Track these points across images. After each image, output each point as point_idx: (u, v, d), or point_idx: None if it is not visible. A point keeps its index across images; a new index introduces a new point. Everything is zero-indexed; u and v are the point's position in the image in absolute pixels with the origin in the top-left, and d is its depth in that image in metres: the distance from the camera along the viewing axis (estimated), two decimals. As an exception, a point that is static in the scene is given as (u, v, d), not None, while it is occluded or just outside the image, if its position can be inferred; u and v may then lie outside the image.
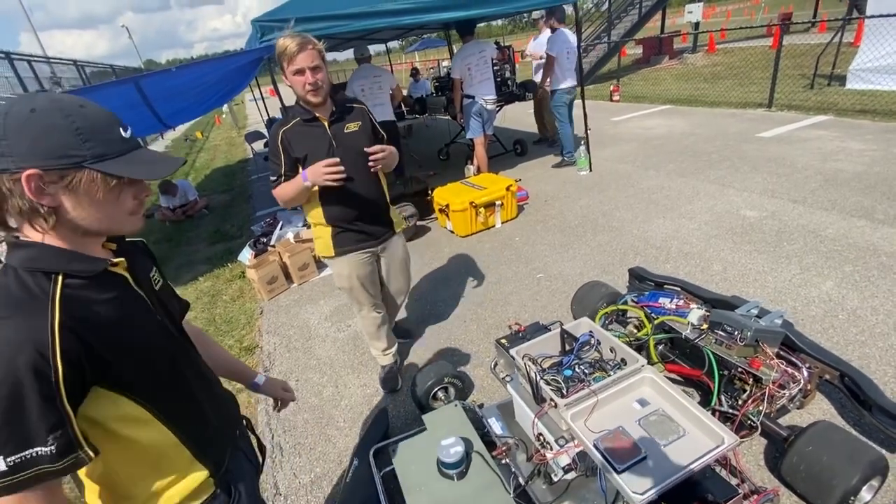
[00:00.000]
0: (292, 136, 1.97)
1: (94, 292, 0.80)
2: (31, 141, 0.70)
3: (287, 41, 1.79)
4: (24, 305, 0.72)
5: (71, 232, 0.79)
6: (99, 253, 0.86)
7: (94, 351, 0.74)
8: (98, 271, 0.81)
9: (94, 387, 0.76)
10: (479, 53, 5.06)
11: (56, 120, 0.72)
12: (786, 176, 4.56)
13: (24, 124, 0.70)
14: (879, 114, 6.01)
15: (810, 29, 13.46)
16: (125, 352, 0.80)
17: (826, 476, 1.49)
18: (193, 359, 1.03)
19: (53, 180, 0.72)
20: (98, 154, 0.75)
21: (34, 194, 0.71)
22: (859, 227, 3.40)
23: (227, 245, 5.37)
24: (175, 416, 0.90)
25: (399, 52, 30.46)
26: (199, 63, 4.20)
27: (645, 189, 4.87)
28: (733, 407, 1.86)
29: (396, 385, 2.61)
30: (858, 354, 2.25)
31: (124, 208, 0.83)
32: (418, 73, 10.71)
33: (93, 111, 0.77)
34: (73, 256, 0.79)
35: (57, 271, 0.76)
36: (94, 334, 0.75)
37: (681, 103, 8.85)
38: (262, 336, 3.41)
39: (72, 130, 0.73)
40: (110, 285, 0.83)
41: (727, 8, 36.62)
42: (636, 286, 2.81)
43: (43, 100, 0.74)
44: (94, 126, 0.75)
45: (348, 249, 2.19)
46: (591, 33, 14.72)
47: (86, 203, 0.77)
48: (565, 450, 1.63)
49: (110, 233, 0.86)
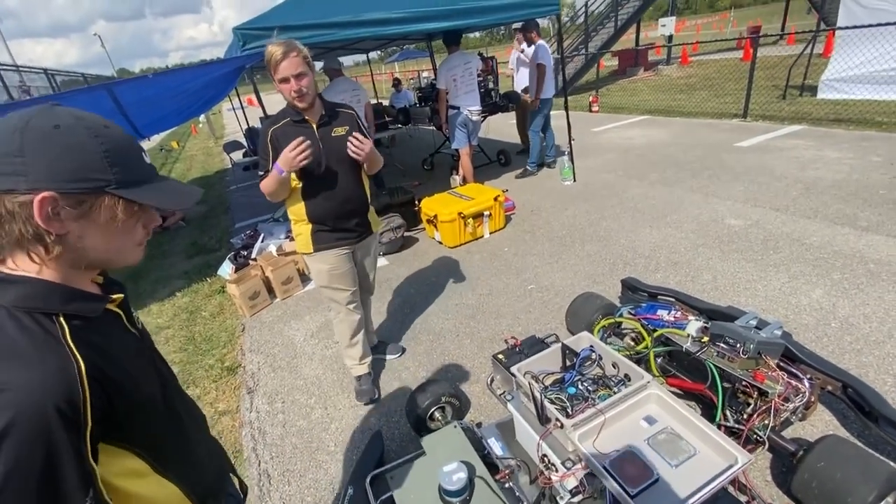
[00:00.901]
0: (281, 134, 2.02)
1: (97, 336, 0.71)
2: (52, 160, 0.63)
3: (273, 49, 1.86)
4: (39, 351, 0.63)
5: (69, 265, 0.71)
6: (91, 288, 0.78)
7: (112, 402, 0.67)
8: (101, 311, 0.74)
9: (100, 442, 0.67)
10: (464, 65, 5.06)
11: (83, 139, 0.65)
12: (766, 185, 4.64)
13: (47, 141, 0.63)
14: (853, 122, 6.21)
15: (779, 41, 13.97)
16: (130, 402, 0.72)
17: (841, 494, 1.45)
18: (184, 399, 0.95)
19: (70, 205, 0.65)
20: (122, 180, 0.69)
21: (44, 220, 0.63)
22: (843, 235, 3.46)
23: (206, 258, 5.18)
24: (176, 467, 0.82)
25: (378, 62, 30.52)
26: (177, 71, 4.06)
27: (630, 198, 4.89)
28: (738, 421, 1.82)
29: (374, 396, 2.58)
30: (855, 363, 2.26)
31: (134, 239, 0.77)
32: (400, 84, 10.69)
33: (118, 133, 0.71)
34: (72, 294, 0.71)
35: (56, 312, 0.67)
36: (111, 384, 0.68)
37: (658, 114, 9.03)
38: (245, 355, 3.26)
39: (99, 152, 0.66)
40: (109, 326, 0.77)
41: (696, 22, 37.92)
42: (629, 297, 2.78)
43: (66, 115, 0.66)
44: (120, 149, 0.70)
45: (327, 246, 2.24)
46: (569, 45, 14.99)
47: (99, 232, 0.70)
48: (572, 472, 1.56)
49: (111, 266, 0.79)
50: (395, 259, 4.33)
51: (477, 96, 5.25)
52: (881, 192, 4.06)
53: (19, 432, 0.56)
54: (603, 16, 14.61)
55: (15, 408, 0.57)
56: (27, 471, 0.57)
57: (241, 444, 2.45)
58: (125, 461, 0.73)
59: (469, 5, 4.25)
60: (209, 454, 0.99)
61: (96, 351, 0.68)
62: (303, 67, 1.90)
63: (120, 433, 0.70)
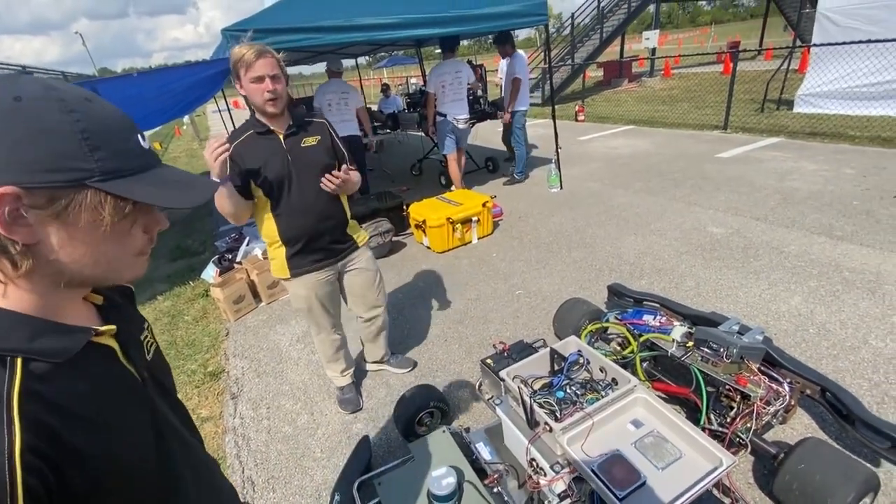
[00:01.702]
0: (244, 149, 1.87)
1: (67, 382, 0.54)
2: (11, 144, 0.48)
3: (244, 49, 1.74)
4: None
5: (46, 284, 0.55)
6: (77, 313, 0.61)
7: (65, 479, 0.50)
8: (76, 350, 0.56)
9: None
10: (454, 73, 5.11)
11: (53, 115, 0.50)
12: (746, 194, 4.76)
13: (5, 119, 0.48)
14: (828, 136, 6.43)
15: (757, 56, 14.40)
16: (97, 472, 0.53)
17: (821, 495, 1.49)
18: (192, 447, 0.77)
19: (37, 204, 0.49)
20: (109, 169, 0.53)
21: (4, 224, 0.48)
22: (820, 244, 3.57)
23: (189, 262, 5.10)
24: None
25: (367, 68, 30.56)
26: (163, 70, 4.01)
27: (615, 206, 4.97)
28: (722, 425, 1.85)
29: (358, 406, 2.52)
30: (832, 368, 2.32)
31: (132, 247, 0.60)
32: (389, 89, 10.69)
33: (103, 108, 0.55)
34: (40, 327, 0.54)
35: (14, 353, 0.51)
36: (67, 455, 0.50)
37: (642, 124, 9.21)
38: (229, 360, 3.20)
39: (75, 133, 0.50)
40: (90, 366, 0.58)
41: (679, 36, 38.89)
42: (616, 303, 2.82)
43: (33, 85, 0.50)
44: (105, 129, 0.54)
45: (305, 270, 2.09)
46: (556, 56, 15.23)
47: (81, 239, 0.54)
48: (560, 476, 1.57)
49: (104, 283, 0.62)
50: (382, 264, 4.30)
51: (465, 105, 5.30)
52: (854, 203, 4.20)
53: None
54: (589, 28, 14.90)
55: None
56: None
57: (224, 450, 2.40)
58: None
59: (459, 13, 4.29)
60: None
61: (55, 408, 0.51)
62: (278, 69, 1.79)
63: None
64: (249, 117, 1.95)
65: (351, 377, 2.57)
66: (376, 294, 2.39)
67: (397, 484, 1.73)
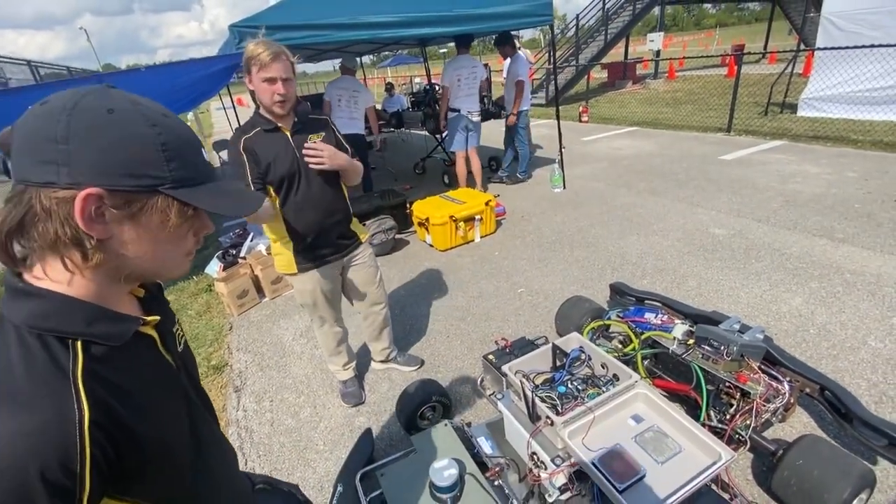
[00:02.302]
0: (255, 145, 1.90)
1: (120, 366, 0.60)
2: (101, 150, 0.53)
3: (260, 47, 1.75)
4: (38, 391, 0.51)
5: (110, 276, 0.61)
6: (125, 305, 0.67)
7: (122, 454, 0.55)
8: (129, 336, 0.62)
9: (105, 497, 0.56)
10: (471, 68, 5.13)
11: (140, 128, 0.56)
12: (749, 196, 4.78)
13: (97, 127, 0.53)
14: (831, 139, 6.44)
15: (761, 60, 14.40)
16: (145, 452, 0.59)
17: (818, 491, 1.50)
18: (217, 434, 0.84)
19: (117, 204, 0.55)
20: (179, 178, 0.59)
21: (85, 221, 0.53)
22: (821, 246, 3.58)
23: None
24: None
25: (371, 67, 30.60)
26: (169, 65, 4.04)
27: (618, 206, 4.99)
28: (721, 422, 1.87)
29: (360, 399, 2.55)
30: (832, 368, 2.34)
31: (185, 248, 0.67)
32: (393, 88, 10.74)
33: (177, 123, 0.62)
34: (98, 313, 0.59)
35: (75, 336, 0.56)
36: (124, 432, 0.56)
37: (646, 125, 9.22)
38: (232, 354, 3.23)
39: (157, 144, 0.57)
40: (137, 352, 0.64)
41: (683, 39, 38.86)
42: (618, 301, 2.83)
43: (122, 99, 0.57)
44: (180, 143, 0.60)
45: (312, 265, 2.13)
46: (560, 57, 15.24)
47: (147, 238, 0.60)
48: (561, 469, 1.59)
49: (156, 278, 0.69)
50: (385, 261, 4.34)
51: (477, 100, 5.34)
52: (856, 206, 4.21)
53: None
54: (593, 29, 14.91)
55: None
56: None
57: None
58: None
59: (464, 12, 4.31)
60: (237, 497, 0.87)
61: (113, 390, 0.57)
62: (290, 73, 1.82)
63: (131, 487, 0.58)
64: (254, 113, 1.97)
65: (353, 371, 2.60)
66: (377, 290, 2.43)
67: (399, 475, 1.75)
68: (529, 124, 6.11)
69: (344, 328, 2.48)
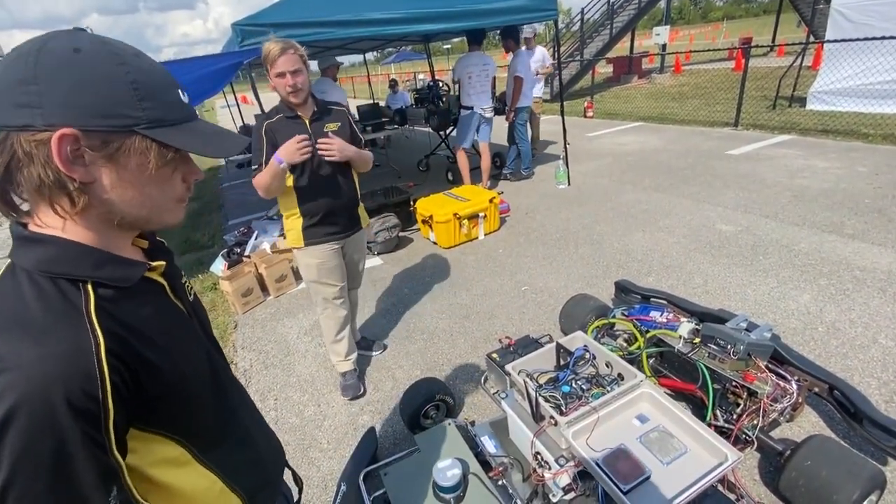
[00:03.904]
0: (276, 129, 2.09)
1: (130, 306, 0.62)
2: (70, 90, 0.53)
3: (271, 45, 1.93)
4: (55, 323, 0.54)
5: (101, 221, 0.61)
6: (130, 253, 0.68)
7: (140, 383, 0.59)
8: (136, 279, 0.64)
9: (131, 429, 0.59)
10: (482, 65, 5.15)
11: (108, 67, 0.55)
12: (756, 192, 4.72)
13: (64, 66, 0.53)
14: (840, 133, 6.35)
15: (769, 53, 14.22)
16: (165, 383, 0.63)
17: (827, 492, 1.48)
18: (234, 380, 0.87)
19: (93, 146, 0.55)
20: (155, 118, 0.59)
21: (64, 163, 0.54)
22: (830, 242, 3.53)
23: (198, 255, 5.15)
24: (224, 456, 0.74)
25: (375, 63, 30.54)
26: (174, 62, 4.04)
27: (623, 203, 4.95)
28: (728, 421, 1.85)
29: (359, 392, 2.61)
30: (841, 367, 2.30)
31: (173, 193, 0.66)
32: (397, 85, 10.70)
33: (150, 63, 0.61)
34: (104, 258, 0.61)
35: (85, 279, 0.58)
36: (140, 362, 0.59)
37: (652, 121, 9.14)
38: (237, 352, 3.24)
39: (126, 83, 0.56)
40: (146, 296, 0.66)
41: (690, 32, 38.46)
42: (623, 299, 2.81)
43: (90, 39, 0.56)
44: (151, 81, 0.59)
45: (318, 241, 2.29)
46: (565, 51, 15.14)
47: (130, 181, 0.60)
48: (565, 469, 1.58)
49: (149, 225, 0.68)
50: (389, 259, 4.33)
51: (489, 97, 5.34)
52: (866, 202, 4.15)
53: (22, 423, 0.48)
54: (598, 23, 14.78)
55: (16, 393, 0.48)
56: (35, 469, 0.49)
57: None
58: (162, 449, 0.64)
59: (467, 8, 4.28)
60: (267, 446, 0.89)
61: (125, 325, 0.59)
62: (299, 64, 1.96)
63: (155, 418, 0.62)
64: (279, 103, 2.14)
65: (353, 363, 2.64)
66: (359, 274, 2.66)
67: (403, 475, 1.75)
68: (540, 120, 6.05)
69: (347, 311, 2.54)
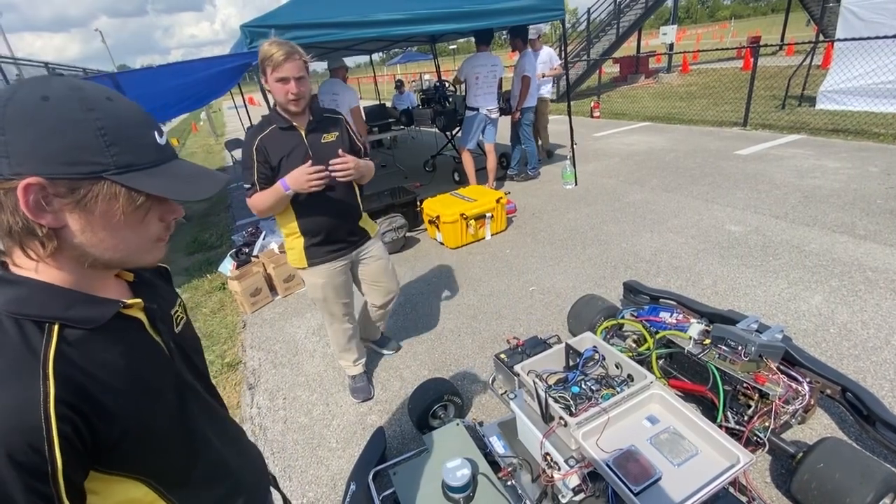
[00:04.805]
0: (269, 143, 1.96)
1: (99, 347, 0.61)
2: (36, 138, 0.53)
3: (273, 48, 1.80)
4: (5, 372, 0.53)
5: (74, 263, 0.62)
6: (109, 289, 0.68)
7: (96, 430, 0.57)
8: (105, 319, 0.63)
9: (91, 471, 0.59)
10: (490, 66, 5.12)
11: (74, 114, 0.55)
12: (766, 192, 4.68)
13: (31, 115, 0.53)
14: (851, 133, 6.28)
15: (778, 52, 14.10)
16: (126, 428, 0.61)
17: (839, 495, 1.47)
18: (217, 414, 0.85)
19: (60, 193, 0.55)
20: (124, 164, 0.58)
21: (31, 210, 0.54)
22: (842, 243, 3.49)
23: (207, 255, 5.19)
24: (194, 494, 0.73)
25: (381, 64, 30.62)
26: (181, 63, 4.07)
27: (631, 203, 4.92)
28: (739, 423, 1.84)
29: (369, 395, 2.59)
30: (853, 369, 2.28)
31: (148, 234, 0.66)
32: (403, 86, 10.71)
33: (123, 106, 0.61)
34: (74, 298, 0.61)
35: (52, 320, 0.58)
36: (97, 409, 0.58)
37: (659, 121, 9.08)
38: (246, 351, 3.26)
39: (93, 129, 0.56)
40: (119, 334, 0.65)
41: (697, 31, 38.19)
42: (631, 300, 2.80)
43: (59, 86, 0.56)
44: (121, 126, 0.59)
45: (322, 260, 2.18)
46: (571, 51, 15.08)
47: (100, 226, 0.60)
48: (575, 470, 1.58)
49: (124, 265, 0.68)
50: (396, 259, 4.34)
51: (495, 98, 5.33)
52: (878, 202, 4.10)
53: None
54: (605, 23, 14.71)
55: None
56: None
57: (241, 439, 2.45)
58: (125, 489, 0.63)
59: (474, 8, 4.28)
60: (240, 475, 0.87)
61: (84, 371, 0.58)
62: (304, 72, 1.86)
63: (116, 460, 0.61)
64: (271, 111, 2.00)
65: (363, 367, 2.62)
66: (390, 280, 2.46)
67: (412, 474, 1.75)
68: (547, 122, 6.04)
69: (355, 324, 2.50)
